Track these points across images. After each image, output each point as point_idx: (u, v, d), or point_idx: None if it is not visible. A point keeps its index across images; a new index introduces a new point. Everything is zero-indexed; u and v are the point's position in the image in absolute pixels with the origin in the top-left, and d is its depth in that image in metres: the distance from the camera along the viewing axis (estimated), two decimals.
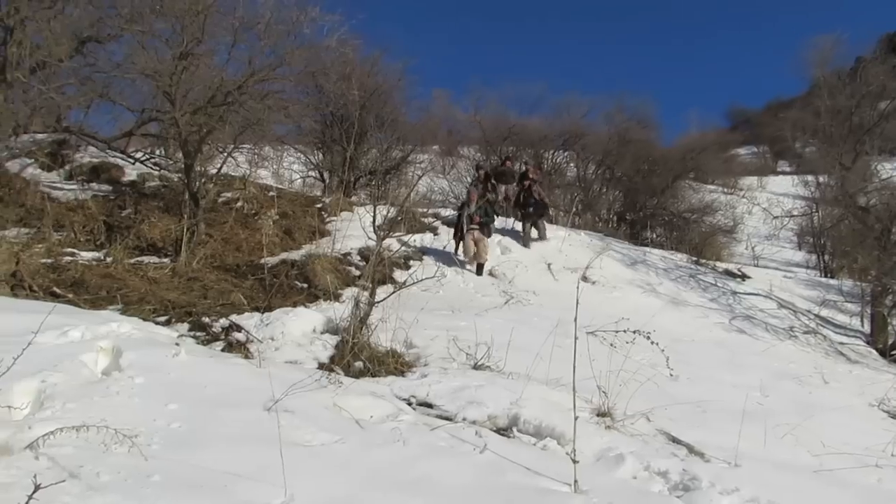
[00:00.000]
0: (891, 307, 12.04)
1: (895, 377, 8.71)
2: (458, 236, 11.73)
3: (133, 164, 10.86)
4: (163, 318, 6.33)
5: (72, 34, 8.33)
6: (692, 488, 3.79)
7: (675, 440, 4.76)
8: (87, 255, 8.20)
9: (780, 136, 28.19)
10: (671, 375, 7.03)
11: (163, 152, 11.77)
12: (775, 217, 20.33)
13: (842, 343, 11.02)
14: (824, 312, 12.75)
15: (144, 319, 6.04)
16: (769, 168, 41.98)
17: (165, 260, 8.45)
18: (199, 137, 8.75)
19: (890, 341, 11.55)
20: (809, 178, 22.20)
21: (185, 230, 8.56)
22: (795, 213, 22.07)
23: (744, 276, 14.90)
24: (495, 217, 13.40)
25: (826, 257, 20.57)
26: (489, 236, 11.89)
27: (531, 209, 13.50)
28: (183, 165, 9.16)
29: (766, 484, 3.91)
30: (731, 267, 15.98)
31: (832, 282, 16.70)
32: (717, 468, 4.18)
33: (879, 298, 12.09)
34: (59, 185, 10.42)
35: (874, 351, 11.18)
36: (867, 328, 12.20)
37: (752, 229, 23.53)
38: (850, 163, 15.46)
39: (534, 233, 13.74)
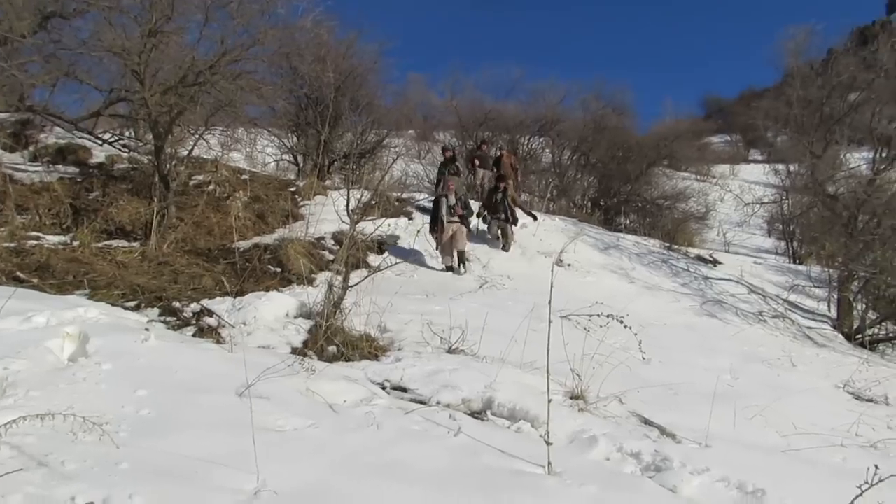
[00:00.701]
0: (856, 292, 12.28)
1: (860, 360, 8.88)
2: (436, 231, 10.78)
3: (101, 145, 10.62)
4: (132, 304, 6.22)
5: (35, 9, 8.10)
6: (664, 469, 3.83)
7: (647, 422, 4.79)
8: (52, 239, 8.02)
9: (753, 124, 28.50)
10: (644, 359, 7.10)
11: (132, 133, 11.52)
12: (746, 204, 20.54)
13: (809, 327, 11.20)
14: (793, 297, 12.96)
15: (113, 304, 5.93)
16: (741, 156, 42.46)
17: (135, 244, 8.30)
18: (169, 118, 8.56)
19: (855, 325, 11.78)
20: (780, 166, 22.53)
21: (154, 213, 8.40)
22: (766, 200, 22.32)
23: (715, 262, 15.09)
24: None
25: (795, 244, 20.91)
26: (469, 230, 11.09)
27: (502, 216, 12.27)
28: (153, 147, 8.98)
29: (736, 464, 3.96)
30: (703, 253, 16.17)
31: (801, 268, 16.99)
32: (688, 449, 4.22)
33: (846, 284, 12.32)
34: (22, 166, 10.16)
35: (840, 335, 11.39)
36: (833, 313, 12.43)
37: (723, 216, 23.81)
38: (820, 152, 15.66)
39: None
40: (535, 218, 14.00)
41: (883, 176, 13.70)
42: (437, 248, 10.76)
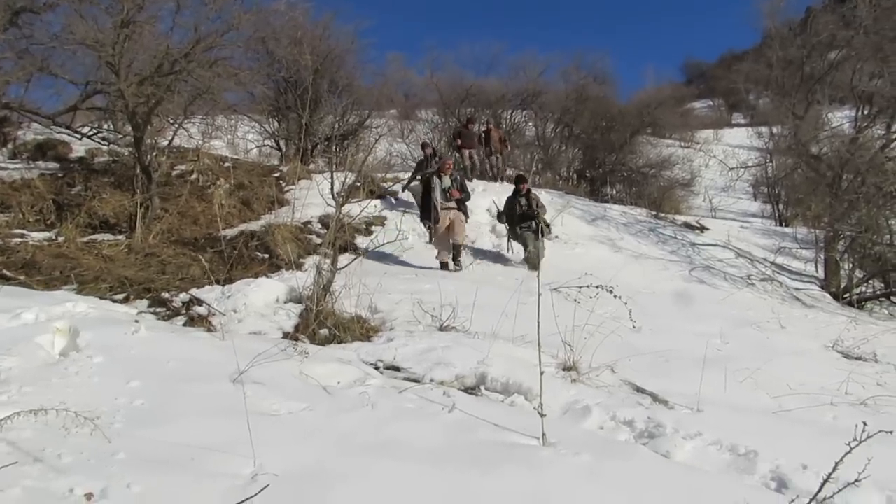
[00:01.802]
0: (842, 252, 12.40)
1: (848, 319, 8.99)
2: (430, 220, 9.56)
3: (80, 139, 10.50)
4: (120, 296, 6.19)
5: (4, 5, 7.95)
6: (657, 435, 3.87)
7: (639, 390, 4.84)
8: (37, 236, 7.95)
9: (734, 88, 28.50)
10: (634, 327, 7.12)
11: (111, 126, 11.38)
12: (731, 168, 20.64)
13: (797, 289, 11.32)
14: (780, 260, 13.07)
15: (101, 298, 5.90)
16: (724, 121, 42.58)
17: (120, 237, 8.25)
18: (147, 109, 8.46)
19: (842, 285, 11.91)
20: (763, 129, 22.62)
21: (138, 205, 8.34)
22: (750, 163, 22.43)
23: (702, 228, 15.19)
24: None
25: (780, 206, 21.07)
26: (467, 217, 9.69)
27: (532, 226, 10.04)
28: (132, 139, 8.88)
29: (728, 427, 4.01)
30: (690, 219, 16.28)
31: (787, 230, 17.12)
32: (680, 414, 4.27)
33: (832, 244, 12.43)
34: (2, 164, 10.04)
35: (828, 295, 11.52)
36: (821, 273, 12.57)
37: (709, 181, 23.93)
38: (802, 112, 15.70)
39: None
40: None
41: (865, 134, 13.79)
42: (430, 241, 9.64)
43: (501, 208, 10.67)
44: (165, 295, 6.25)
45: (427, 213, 9.53)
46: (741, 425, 4.16)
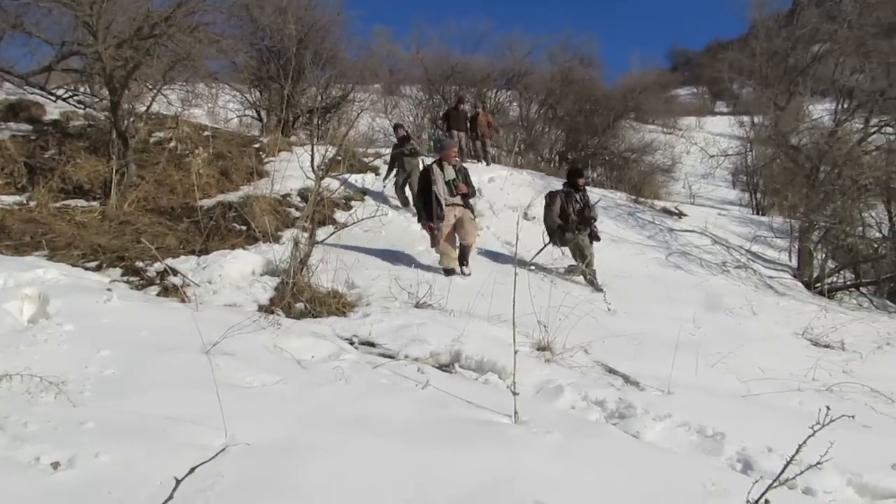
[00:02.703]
0: (816, 242, 12.57)
1: (818, 308, 9.14)
2: (431, 220, 7.67)
3: (55, 101, 10.26)
4: (93, 264, 6.10)
5: None
6: (627, 415, 3.91)
7: (611, 371, 4.89)
8: (7, 199, 7.79)
9: (719, 77, 28.69)
10: (609, 310, 7.24)
11: (87, 89, 11.13)
12: (712, 156, 20.80)
13: (770, 277, 11.47)
14: (755, 248, 13.23)
15: (73, 265, 5.81)
16: (707, 108, 42.78)
17: (94, 203, 8.10)
18: (125, 73, 8.27)
19: (815, 274, 12.09)
20: (745, 118, 22.78)
21: (114, 172, 8.20)
22: (731, 152, 22.61)
23: (680, 214, 15.31)
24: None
25: (758, 195, 21.27)
26: (474, 213, 8.16)
27: (585, 230, 8.81)
28: (109, 103, 8.70)
29: (697, 409, 4.07)
30: (669, 205, 16.37)
31: (763, 219, 17.31)
32: (651, 396, 4.32)
33: (806, 234, 12.60)
34: None
35: (800, 283, 11.70)
36: (794, 262, 12.75)
37: (689, 168, 24.08)
38: (783, 103, 15.86)
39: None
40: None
41: (844, 127, 13.93)
42: (433, 245, 7.78)
43: (553, 207, 8.86)
44: (139, 264, 6.17)
45: (428, 211, 7.58)
46: (710, 408, 4.23)
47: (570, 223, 8.64)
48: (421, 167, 10.75)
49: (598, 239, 8.88)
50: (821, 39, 17.94)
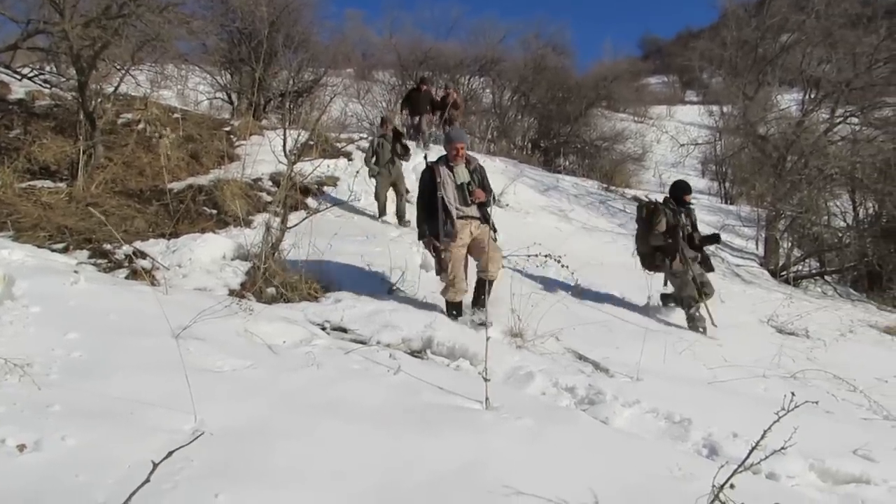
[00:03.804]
0: (783, 231, 12.80)
1: (784, 296, 9.32)
2: (436, 236, 5.56)
3: (20, 80, 10.00)
4: (59, 246, 5.99)
5: None
6: (597, 402, 3.97)
7: (582, 358, 4.95)
8: None
9: (689, 66, 28.87)
10: (580, 297, 7.30)
11: (54, 68, 10.87)
12: (682, 145, 21.00)
13: (738, 265, 11.67)
14: (723, 237, 13.39)
15: (39, 247, 5.71)
16: (678, 97, 43.14)
17: (61, 184, 7.94)
18: (92, 53, 8.08)
19: (781, 263, 12.33)
20: (715, 107, 23.00)
21: (81, 153, 8.03)
22: (700, 141, 22.85)
23: None
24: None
25: (727, 184, 21.56)
26: (496, 233, 5.77)
27: (698, 257, 7.23)
28: (76, 83, 8.50)
29: (665, 396, 4.14)
30: (640, 193, 16.51)
31: (731, 207, 17.56)
32: (620, 383, 4.38)
33: (773, 223, 12.83)
34: None
35: (766, 272, 11.92)
36: (761, 251, 12.98)
37: (659, 157, 24.30)
38: (752, 93, 16.04)
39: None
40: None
41: (811, 117, 14.14)
42: (439, 273, 5.69)
43: (657, 224, 7.09)
44: (107, 246, 6.08)
45: (432, 225, 5.57)
46: (678, 394, 4.30)
47: (678, 246, 6.97)
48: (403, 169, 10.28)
49: (711, 269, 7.22)
50: (789, 29, 18.15)
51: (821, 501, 3.08)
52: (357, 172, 10.93)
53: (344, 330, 4.90)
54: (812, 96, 15.76)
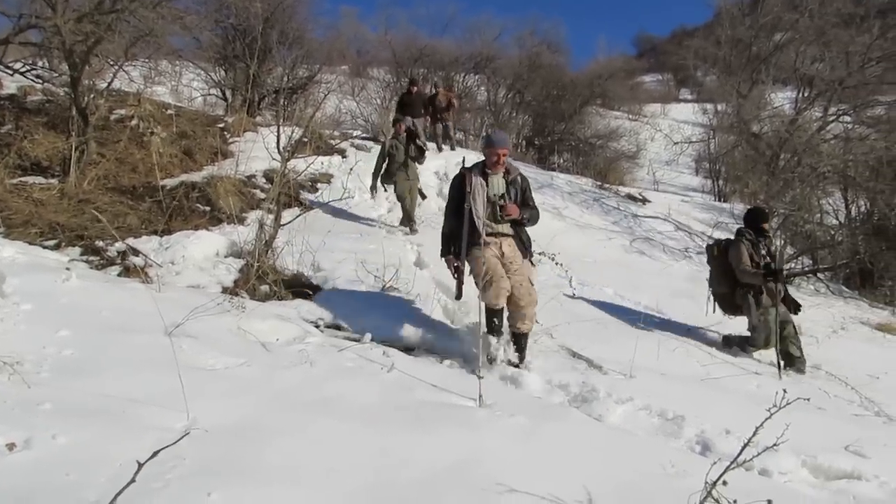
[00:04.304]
0: (776, 229, 12.82)
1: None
2: (457, 253, 4.77)
3: (12, 75, 9.92)
4: (51, 242, 5.96)
5: None
6: (590, 399, 3.97)
7: (575, 355, 4.95)
8: None
9: (684, 64, 29.01)
10: (573, 294, 7.31)
11: (46, 63, 10.80)
12: (675, 143, 21.05)
13: None
14: (717, 234, 13.40)
15: (30, 243, 5.68)
16: (672, 95, 43.16)
17: (52, 180, 7.89)
18: (85, 48, 8.03)
19: None
20: (709, 105, 23.06)
21: (73, 149, 7.98)
22: (694, 139, 22.90)
23: (644, 200, 15.47)
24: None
25: (720, 182, 21.58)
26: (530, 257, 4.99)
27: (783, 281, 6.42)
28: (69, 78, 8.45)
29: (658, 393, 4.15)
30: (633, 191, 16.53)
31: (725, 205, 17.57)
32: (613, 380, 4.39)
33: None
34: None
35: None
36: None
37: (653, 155, 24.32)
38: (746, 91, 16.11)
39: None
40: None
41: (804, 115, 14.19)
42: (458, 297, 4.84)
43: (742, 259, 6.28)
44: (100, 243, 6.05)
45: (457, 242, 4.72)
46: (671, 392, 4.31)
47: (764, 281, 6.20)
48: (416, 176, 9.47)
49: (798, 308, 6.39)
50: (783, 28, 18.24)
51: (813, 497, 3.10)
52: (351, 170, 10.89)
53: (338, 327, 4.90)
54: (805, 95, 15.85)
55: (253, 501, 2.29)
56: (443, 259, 4.93)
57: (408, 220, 9.23)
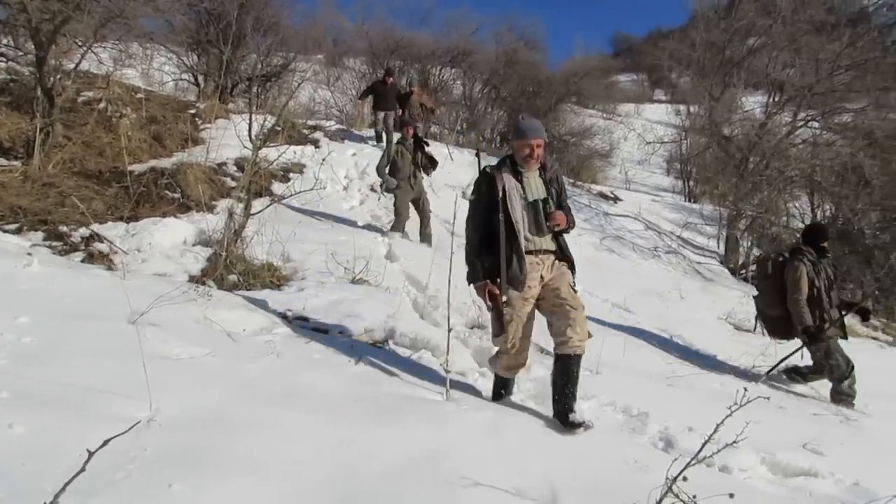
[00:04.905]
0: (743, 230, 13.05)
1: (742, 294, 9.49)
2: (493, 277, 3.62)
3: None
4: (12, 226, 5.82)
5: None
6: None
7: (543, 351, 4.98)
8: None
9: (658, 65, 29.24)
10: None
11: (10, 41, 10.54)
12: (648, 143, 21.25)
13: (699, 262, 11.85)
14: (686, 234, 13.63)
15: None
16: (646, 96, 43.58)
17: (15, 163, 7.70)
18: (53, 27, 7.84)
19: (740, 261, 12.57)
20: (682, 107, 23.32)
21: (38, 130, 7.80)
22: (666, 140, 23.15)
23: (616, 199, 15.62)
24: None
25: (691, 183, 21.87)
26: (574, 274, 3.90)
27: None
28: (35, 58, 8.25)
29: (623, 389, 4.20)
30: (605, 190, 16.68)
31: (694, 206, 17.83)
32: (580, 376, 4.42)
33: (734, 222, 13.09)
34: None
35: (726, 270, 12.14)
36: (721, 249, 13.21)
37: (626, 154, 24.54)
38: (718, 94, 16.30)
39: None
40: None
41: (774, 120, 14.42)
42: (497, 335, 3.68)
43: (800, 288, 5.68)
44: (63, 228, 5.93)
45: (492, 263, 3.66)
46: (636, 389, 4.37)
47: (825, 308, 5.68)
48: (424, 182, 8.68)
49: (846, 335, 5.83)
50: (756, 33, 18.50)
51: (771, 493, 3.16)
52: (323, 160, 10.82)
53: (306, 319, 4.86)
54: (776, 99, 16.09)
55: (216, 493, 2.26)
56: (471, 287, 3.72)
57: (398, 227, 8.43)
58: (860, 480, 3.36)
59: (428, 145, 8.92)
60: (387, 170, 8.44)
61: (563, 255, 3.86)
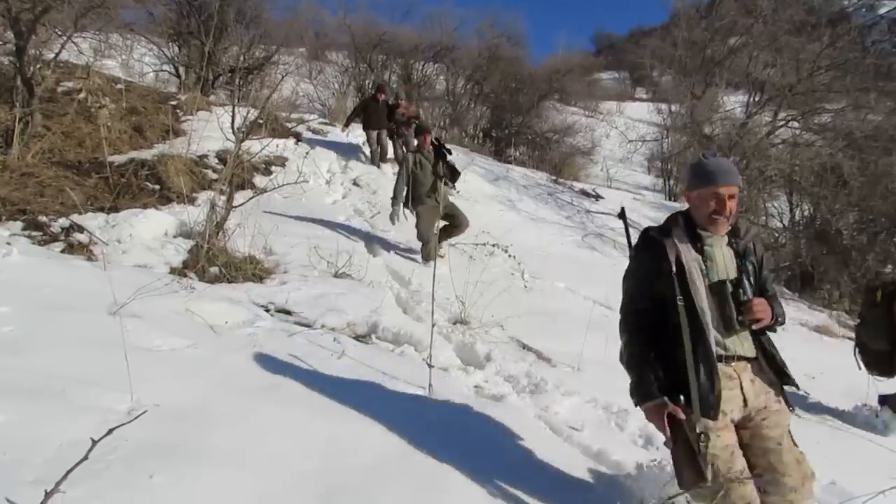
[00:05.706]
0: None
1: None
2: (670, 394, 2.43)
3: None
4: None
5: None
6: (538, 391, 4.03)
7: (525, 347, 5.01)
8: None
9: (640, 63, 29.42)
10: (525, 287, 7.38)
11: None
12: (630, 141, 21.37)
13: None
14: None
15: None
16: (628, 94, 43.71)
17: None
18: (32, 16, 7.74)
19: None
20: (663, 105, 23.45)
21: (17, 120, 7.70)
22: (648, 138, 23.29)
23: (597, 197, 15.69)
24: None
25: (672, 182, 21.99)
26: (788, 380, 2.60)
27: None
28: (14, 47, 8.13)
29: (604, 386, 4.23)
30: (587, 187, 16.74)
31: (675, 204, 17.92)
32: (561, 373, 4.46)
33: None
34: None
35: None
36: None
37: (608, 152, 24.64)
38: (700, 93, 16.44)
39: None
40: None
41: (754, 120, 14.56)
42: (692, 485, 2.28)
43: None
44: (43, 219, 5.85)
45: (668, 367, 2.54)
46: (617, 385, 4.38)
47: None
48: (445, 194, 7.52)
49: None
50: (738, 33, 18.68)
51: None
52: (306, 154, 10.78)
53: (288, 312, 4.84)
54: (756, 99, 16.26)
55: (196, 484, 2.26)
56: (638, 408, 2.57)
57: (430, 254, 7.00)
58: (836, 480, 3.40)
59: (450, 153, 7.88)
60: (404, 192, 7.49)
61: (768, 363, 2.57)
